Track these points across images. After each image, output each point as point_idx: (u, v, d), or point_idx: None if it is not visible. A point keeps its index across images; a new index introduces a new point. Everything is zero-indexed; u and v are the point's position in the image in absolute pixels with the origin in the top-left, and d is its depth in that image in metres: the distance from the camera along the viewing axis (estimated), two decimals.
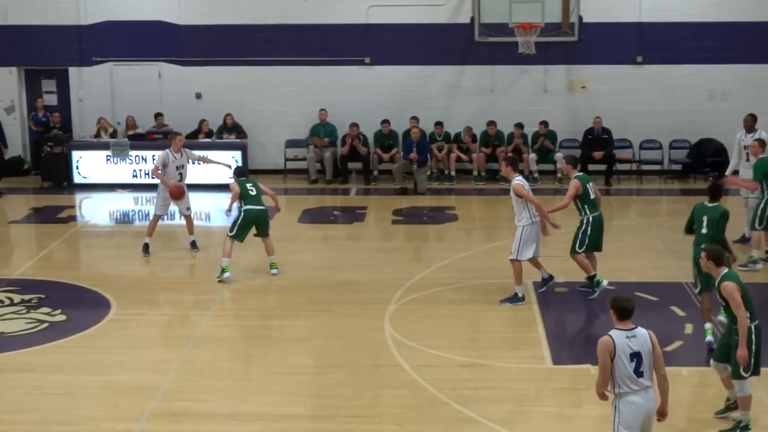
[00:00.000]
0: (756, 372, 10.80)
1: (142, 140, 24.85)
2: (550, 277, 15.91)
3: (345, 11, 25.60)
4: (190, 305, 15.92)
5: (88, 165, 24.63)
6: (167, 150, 18.66)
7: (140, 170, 24.46)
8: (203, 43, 25.88)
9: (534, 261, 15.67)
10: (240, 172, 18.09)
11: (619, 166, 25.26)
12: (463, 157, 25.21)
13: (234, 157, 24.46)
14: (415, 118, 24.72)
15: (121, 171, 24.56)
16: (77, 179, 24.71)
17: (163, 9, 25.85)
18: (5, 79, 26.43)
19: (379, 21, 25.50)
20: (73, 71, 26.39)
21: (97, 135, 25.48)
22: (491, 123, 25.12)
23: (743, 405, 10.93)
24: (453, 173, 25.15)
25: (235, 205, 17.19)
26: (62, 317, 15.16)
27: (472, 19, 24.44)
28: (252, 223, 17.04)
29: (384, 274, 17.18)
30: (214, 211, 22.82)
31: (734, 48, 25.09)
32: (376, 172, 25.42)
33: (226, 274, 16.57)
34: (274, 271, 17.06)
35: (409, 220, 21.77)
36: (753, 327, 10.73)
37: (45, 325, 14.82)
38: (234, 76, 25.91)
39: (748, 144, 18.24)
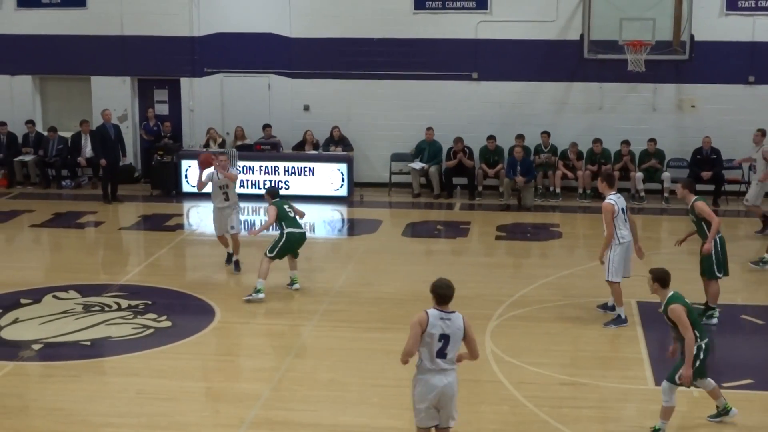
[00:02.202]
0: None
1: (250, 151, 25.09)
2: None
3: (454, 26, 25.60)
4: (293, 315, 16.03)
5: (196, 174, 24.93)
6: (209, 169, 18.29)
7: (247, 180, 24.72)
8: (312, 55, 26.10)
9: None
10: (275, 193, 17.49)
11: (728, 187, 24.81)
12: (569, 174, 25.01)
13: (340, 170, 24.63)
14: (520, 137, 24.63)
15: None
16: (186, 188, 25.06)
17: (273, 22, 26.13)
18: (119, 89, 26.95)
19: (488, 36, 25.44)
20: (184, 82, 26.82)
21: (207, 145, 25.79)
22: (597, 140, 24.88)
23: (665, 414, 11.11)
24: (558, 190, 24.97)
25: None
26: (167, 323, 15.40)
27: (582, 36, 24.31)
28: (294, 246, 16.86)
29: (486, 290, 17.12)
30: (319, 223, 22.99)
31: None
32: (480, 188, 25.34)
33: (261, 295, 16.31)
34: (296, 286, 16.98)
35: (512, 236, 21.66)
36: (703, 345, 11.07)
37: (150, 330, 15.07)
38: (341, 88, 26.07)
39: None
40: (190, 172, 24.93)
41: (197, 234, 22.35)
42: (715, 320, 15.14)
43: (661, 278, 11.25)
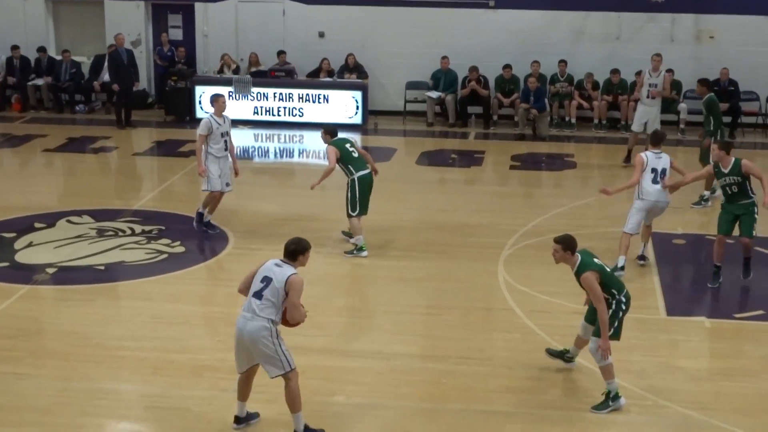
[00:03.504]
0: (616, 337, 10.59)
1: (264, 77, 25.04)
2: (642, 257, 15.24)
3: None
4: (313, 242, 16.06)
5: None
6: (209, 116, 16.12)
7: (261, 107, 24.71)
8: None
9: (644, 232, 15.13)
10: (333, 131, 15.57)
11: (745, 119, 24.71)
12: (584, 104, 24.91)
13: (354, 98, 24.58)
14: (536, 63, 24.52)
15: (243, 107, 24.79)
16: (199, 114, 24.90)
17: None
18: (132, 14, 26.83)
19: None
20: (198, 6, 26.69)
21: (221, 71, 25.78)
22: (615, 71, 24.75)
23: (607, 374, 10.59)
24: (574, 120, 24.90)
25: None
26: (181, 249, 15.51)
27: None
28: (368, 190, 15.24)
29: (499, 219, 17.18)
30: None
31: None
32: (495, 117, 25.28)
33: (364, 253, 15.23)
34: (364, 253, 15.32)
35: (527, 166, 21.67)
36: (622, 298, 10.53)
37: (164, 256, 15.18)
38: (357, 15, 25.93)
39: None
40: (204, 98, 24.90)
41: None
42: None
43: (570, 246, 10.61)
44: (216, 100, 16.18)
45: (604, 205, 17.91)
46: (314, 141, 23.38)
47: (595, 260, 10.64)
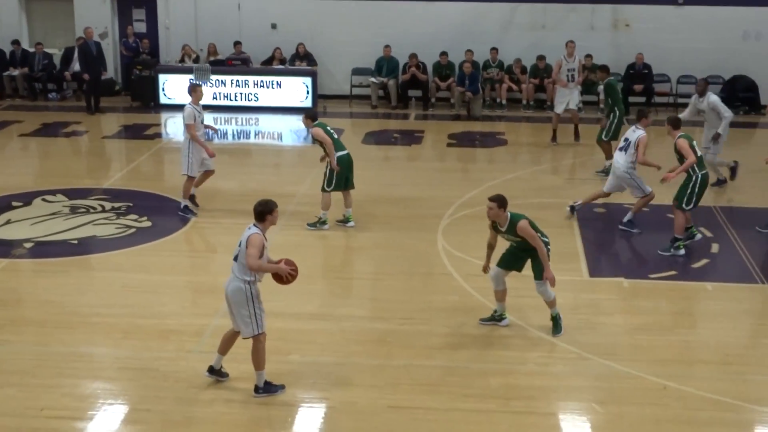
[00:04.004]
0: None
1: (222, 66, 24.90)
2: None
3: None
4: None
5: (173, 87, 24.72)
6: (190, 105, 15.59)
7: (220, 93, 24.53)
8: None
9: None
10: (313, 115, 15.29)
11: (657, 99, 24.91)
12: (513, 87, 24.99)
13: (305, 83, 24.48)
14: (470, 51, 24.53)
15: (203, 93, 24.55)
16: (163, 100, 24.84)
17: None
18: (99, 8, 26.48)
19: None
20: (161, 1, 26.39)
21: (182, 60, 25.58)
22: (541, 57, 24.84)
23: (552, 304, 11.34)
24: (504, 102, 24.98)
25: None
26: (148, 223, 15.38)
27: None
28: (346, 170, 15.10)
29: (438, 192, 17.21)
30: (287, 132, 22.95)
31: None
32: (433, 99, 25.30)
33: (325, 226, 15.07)
34: (351, 224, 15.28)
35: (462, 144, 21.70)
36: (546, 239, 11.24)
37: (132, 230, 15.05)
38: (307, 8, 25.78)
39: (703, 109, 17.37)
40: (167, 85, 24.72)
41: (174, 142, 22.18)
42: (682, 251, 14.15)
43: (501, 202, 11.02)
44: (195, 89, 15.81)
45: (533, 178, 18.05)
46: (269, 123, 23.38)
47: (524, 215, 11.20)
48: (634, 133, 15.11)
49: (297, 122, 23.46)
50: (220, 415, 9.46)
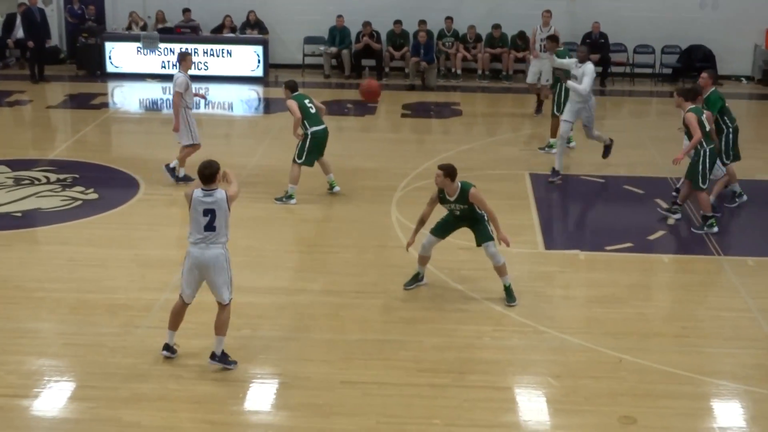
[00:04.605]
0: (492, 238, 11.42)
1: (170, 33, 24.63)
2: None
3: None
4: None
5: (120, 56, 24.44)
6: (183, 74, 15.44)
7: (168, 61, 24.24)
8: None
9: None
10: (294, 86, 15.26)
11: (614, 69, 25.00)
12: (468, 55, 24.95)
13: (256, 52, 24.29)
14: (423, 22, 24.44)
15: (151, 62, 24.35)
16: (110, 69, 24.54)
17: None
18: None
19: None
20: None
21: (129, 28, 25.25)
22: (496, 26, 24.81)
23: (502, 272, 11.47)
24: (459, 72, 24.95)
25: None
26: (95, 195, 15.22)
27: None
28: (320, 145, 15.07)
29: (392, 164, 17.17)
30: (237, 102, 22.81)
31: None
32: (387, 69, 25.22)
33: (293, 201, 15.01)
34: (336, 189, 15.36)
35: (416, 114, 21.67)
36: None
37: (79, 202, 14.89)
38: None
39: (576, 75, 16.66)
40: (114, 53, 24.42)
41: (121, 112, 21.99)
42: (715, 228, 13.92)
43: (447, 171, 11.28)
44: (184, 58, 15.57)
45: (488, 150, 18.08)
46: (219, 93, 23.18)
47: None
48: None
49: (248, 92, 23.42)
50: (169, 392, 9.40)
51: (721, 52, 24.87)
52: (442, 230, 11.75)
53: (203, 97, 16.95)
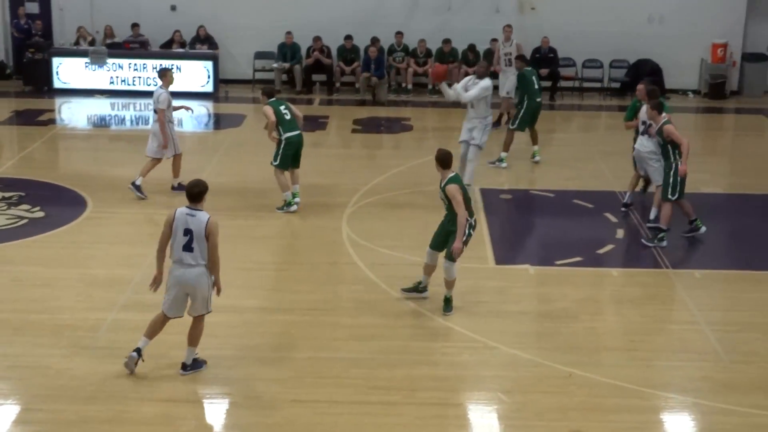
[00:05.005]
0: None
1: (119, 49, 24.46)
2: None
3: None
4: (162, 205, 15.73)
5: (67, 71, 24.24)
6: (165, 90, 15.79)
7: (117, 77, 24.10)
8: None
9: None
10: (270, 93, 15.61)
11: (563, 83, 25.18)
12: (418, 70, 25.02)
13: (206, 67, 24.21)
14: (376, 39, 24.47)
15: (99, 77, 24.16)
16: (57, 84, 24.30)
17: None
18: None
19: None
20: None
21: (77, 43, 25.05)
22: (447, 41, 24.91)
23: (450, 286, 11.59)
24: (410, 86, 25.01)
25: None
26: (41, 214, 15.06)
27: None
28: (295, 151, 15.27)
29: (342, 179, 17.17)
30: (187, 117, 22.69)
31: None
32: (338, 84, 25.23)
33: (293, 207, 15.27)
34: (297, 200, 15.38)
35: (367, 129, 21.70)
36: (473, 222, 11.48)
37: (25, 221, 14.73)
38: None
39: None
40: (61, 69, 24.21)
41: (69, 129, 21.80)
42: (664, 243, 14.06)
43: (442, 159, 11.48)
44: (165, 74, 15.86)
45: None
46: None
47: (463, 183, 11.61)
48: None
49: (198, 107, 23.29)
50: (117, 414, 9.31)
51: (669, 66, 25.15)
52: (437, 243, 11.79)
53: (189, 109, 16.98)
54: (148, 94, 23.37)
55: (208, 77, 24.22)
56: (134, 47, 24.52)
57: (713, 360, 10.75)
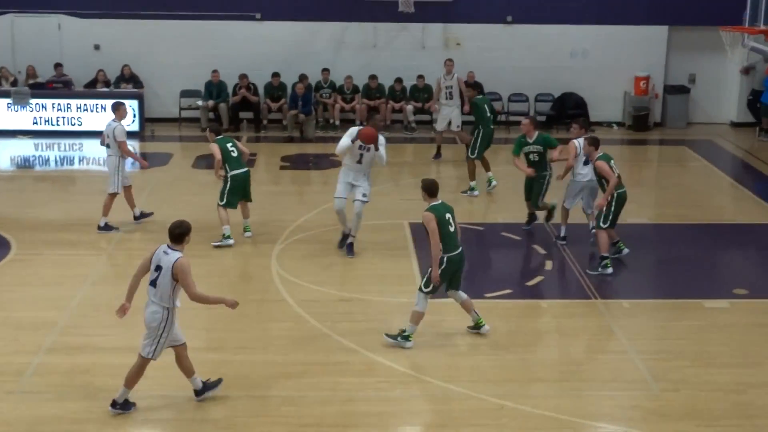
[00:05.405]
0: (434, 293, 11.75)
1: (42, 89, 24.21)
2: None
3: None
4: (88, 246, 15.59)
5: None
6: (117, 122, 16.21)
7: (40, 117, 23.85)
8: None
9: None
10: (218, 130, 15.94)
11: None
12: (345, 106, 25.12)
13: (131, 106, 23.99)
14: (304, 77, 24.54)
15: (22, 118, 23.88)
16: None
17: None
18: None
19: None
20: None
21: None
22: (373, 77, 25.07)
23: (414, 318, 11.72)
24: (338, 122, 25.08)
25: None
26: None
27: None
28: (241, 188, 15.58)
29: (272, 216, 17.12)
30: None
31: (594, 10, 25.42)
32: (266, 121, 25.22)
33: (230, 241, 15.38)
34: (248, 234, 15.79)
35: (296, 166, 21.70)
36: (445, 258, 11.54)
37: None
38: (131, 28, 25.30)
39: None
40: None
41: None
42: (609, 269, 14.41)
43: (427, 188, 11.70)
44: (118, 107, 16.40)
45: (369, 200, 18.11)
46: (94, 149, 22.79)
47: (446, 215, 11.57)
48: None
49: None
50: None
51: (593, 99, 25.58)
52: (447, 283, 11.95)
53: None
54: (73, 134, 23.32)
55: (134, 116, 24.01)
56: (58, 87, 24.31)
57: (643, 389, 10.88)
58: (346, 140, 14.87)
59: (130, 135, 23.01)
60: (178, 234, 9.86)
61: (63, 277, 14.12)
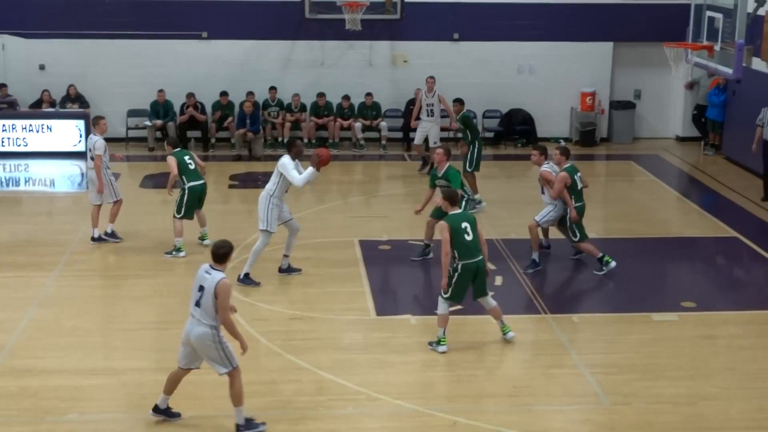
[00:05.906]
0: (455, 300, 12.18)
1: None
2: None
3: None
4: (36, 267, 15.43)
5: None
6: (98, 136, 16.39)
7: None
8: (46, 16, 25.02)
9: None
10: (175, 143, 16.21)
11: (441, 134, 25.44)
12: (291, 119, 25.11)
13: (78, 126, 23.84)
14: (251, 93, 24.53)
15: None
16: None
17: None
18: None
19: None
20: None
21: None
22: (321, 94, 25.10)
23: (440, 322, 12.18)
24: (286, 140, 25.00)
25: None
26: None
27: None
28: (197, 199, 15.83)
29: (221, 235, 16.64)
30: (59, 178, 22.30)
31: (541, 27, 25.61)
32: (213, 140, 25.13)
33: (182, 253, 15.68)
34: (207, 242, 15.90)
35: (245, 185, 21.64)
36: (458, 264, 11.93)
37: None
38: (76, 48, 25.12)
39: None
40: None
41: None
42: (613, 263, 15.14)
43: (450, 197, 12.23)
44: (98, 121, 16.58)
45: (317, 218, 18.16)
46: (40, 169, 22.62)
47: (462, 224, 11.90)
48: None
49: (70, 167, 22.92)
50: None
51: (540, 115, 25.78)
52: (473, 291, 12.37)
53: (120, 157, 17.12)
54: (18, 155, 23.10)
55: (80, 136, 23.82)
56: (2, 108, 24.05)
57: (594, 403, 10.97)
58: (295, 172, 14.82)
59: (77, 155, 23.11)
60: (222, 254, 9.90)
61: (9, 300, 13.98)
